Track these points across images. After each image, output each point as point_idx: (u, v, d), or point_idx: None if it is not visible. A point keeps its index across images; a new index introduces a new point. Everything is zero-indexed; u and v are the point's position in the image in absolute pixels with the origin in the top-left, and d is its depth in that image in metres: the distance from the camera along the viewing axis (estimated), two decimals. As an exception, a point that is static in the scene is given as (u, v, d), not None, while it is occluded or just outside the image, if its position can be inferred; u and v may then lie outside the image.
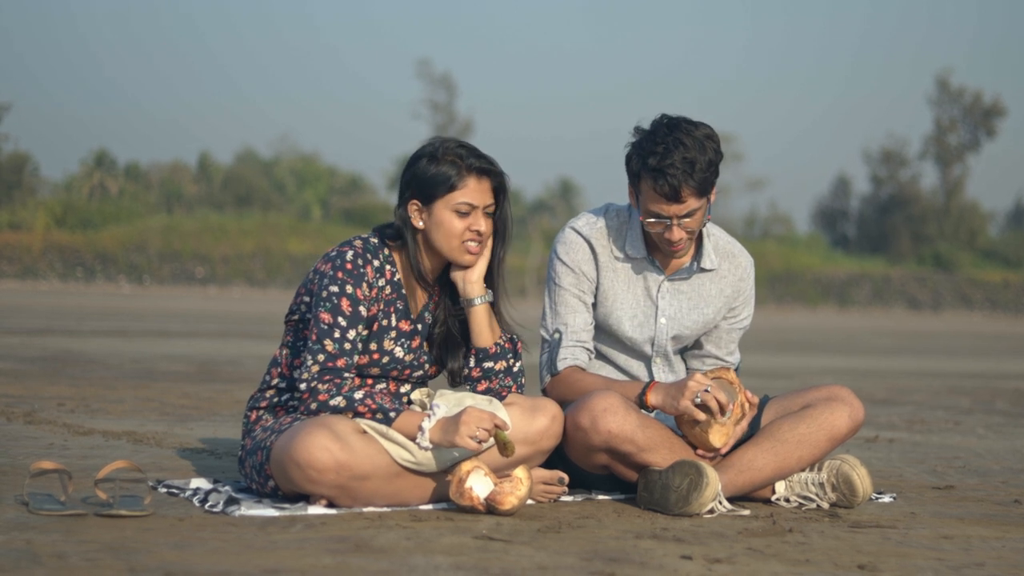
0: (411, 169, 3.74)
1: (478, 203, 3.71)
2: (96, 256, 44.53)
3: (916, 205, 61.47)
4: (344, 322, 3.63)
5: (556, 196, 66.15)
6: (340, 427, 3.51)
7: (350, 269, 3.67)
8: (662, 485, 3.74)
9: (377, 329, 3.73)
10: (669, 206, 3.85)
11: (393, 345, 3.76)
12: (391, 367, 3.77)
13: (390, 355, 3.76)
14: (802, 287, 52.18)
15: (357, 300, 3.66)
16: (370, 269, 3.71)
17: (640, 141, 3.87)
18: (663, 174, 3.80)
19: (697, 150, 3.81)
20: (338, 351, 3.62)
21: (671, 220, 3.87)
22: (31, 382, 7.68)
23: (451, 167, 3.69)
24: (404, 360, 3.78)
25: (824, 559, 3.13)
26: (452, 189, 3.69)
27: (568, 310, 4.04)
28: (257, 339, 14.47)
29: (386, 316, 3.75)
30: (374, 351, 3.73)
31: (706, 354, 4.19)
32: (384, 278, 3.74)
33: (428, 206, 3.71)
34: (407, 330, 3.79)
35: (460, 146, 3.73)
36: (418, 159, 3.73)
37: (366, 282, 3.68)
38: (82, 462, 4.29)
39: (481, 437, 3.51)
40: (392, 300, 3.76)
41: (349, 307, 3.65)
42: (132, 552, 2.87)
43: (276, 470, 3.54)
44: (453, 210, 3.69)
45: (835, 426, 3.92)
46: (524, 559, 2.97)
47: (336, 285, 3.65)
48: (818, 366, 13.63)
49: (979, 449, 5.98)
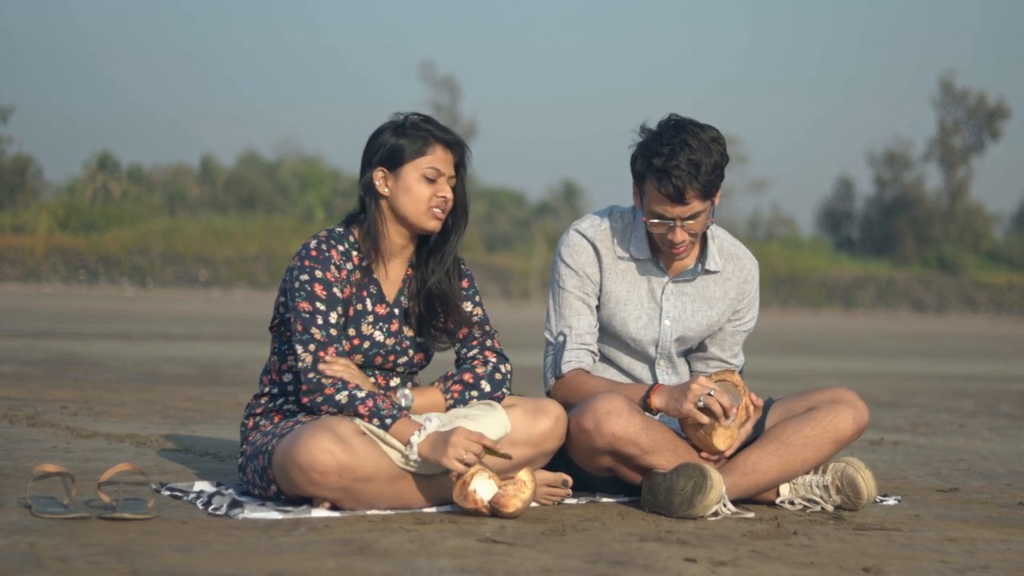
0: (376, 140, 3.79)
1: (445, 171, 3.77)
2: (99, 259, 44.54)
3: (920, 207, 61.42)
4: (323, 306, 3.66)
5: (559, 198, 66.17)
6: (342, 429, 3.51)
7: (315, 255, 3.70)
8: (666, 488, 3.73)
9: (353, 314, 3.74)
10: (673, 207, 3.84)
11: (372, 329, 3.77)
12: (374, 352, 3.76)
13: (370, 340, 3.76)
14: (806, 289, 52.15)
15: (329, 283, 3.69)
16: (335, 253, 3.74)
17: (646, 141, 3.87)
18: (668, 175, 3.79)
19: (703, 152, 3.80)
20: (326, 337, 3.64)
21: (674, 221, 3.86)
22: (34, 385, 7.68)
23: (418, 134, 3.75)
24: (386, 344, 3.78)
25: (828, 562, 3.12)
26: (421, 154, 3.74)
27: (572, 313, 4.03)
28: (260, 342, 14.47)
29: (360, 300, 3.76)
30: (353, 336, 3.74)
31: (710, 356, 4.18)
32: (351, 263, 3.77)
33: (395, 171, 3.76)
34: (383, 314, 3.79)
35: (424, 120, 3.79)
36: (383, 131, 3.79)
37: (333, 264, 3.72)
38: (85, 465, 4.28)
39: (469, 461, 3.50)
40: (364, 284, 3.78)
41: (323, 291, 3.67)
42: (135, 555, 2.86)
43: (279, 473, 3.53)
44: (421, 175, 3.74)
45: (839, 429, 3.91)
46: (528, 562, 2.96)
47: (306, 273, 3.68)
48: (822, 369, 13.62)
49: (984, 452, 5.97)
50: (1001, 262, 57.85)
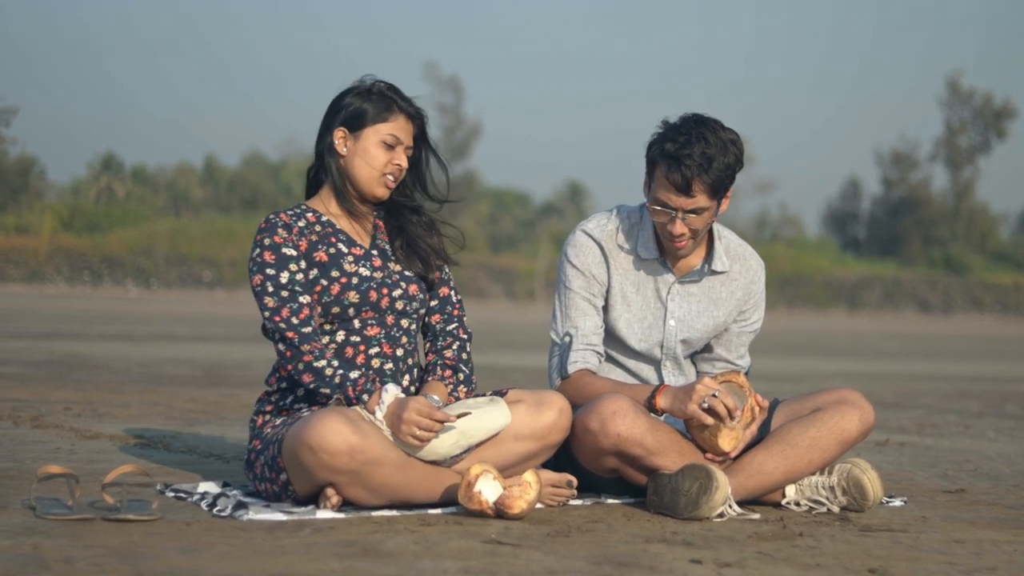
0: (340, 102, 3.84)
1: (404, 140, 3.82)
2: (103, 260, 44.58)
3: (927, 208, 61.42)
4: (272, 271, 3.69)
5: (565, 199, 66.23)
6: (352, 413, 3.53)
7: (264, 227, 3.76)
8: (672, 489, 3.72)
9: (328, 259, 3.76)
10: (678, 197, 3.83)
11: (355, 267, 3.79)
12: (366, 287, 3.76)
13: (357, 276, 3.77)
14: (812, 290, 52.13)
15: (277, 245, 3.72)
16: (283, 215, 3.80)
17: (665, 131, 3.87)
18: (678, 162, 3.79)
19: (718, 149, 3.80)
20: (278, 302, 3.67)
21: (677, 212, 3.86)
22: (38, 386, 7.68)
23: (383, 101, 3.81)
24: (375, 278, 3.79)
25: (834, 563, 3.11)
26: (383, 120, 3.80)
27: (578, 313, 4.02)
28: (264, 343, 14.45)
29: (330, 246, 3.79)
30: (339, 276, 3.75)
31: (716, 357, 4.17)
32: (305, 219, 3.81)
33: (355, 133, 3.81)
34: (361, 254, 3.82)
35: (389, 88, 3.84)
36: (348, 93, 3.83)
37: (281, 227, 3.75)
38: (89, 466, 4.28)
39: (422, 437, 3.54)
40: (329, 234, 3.81)
41: (272, 256, 3.71)
42: (140, 557, 2.86)
43: (289, 459, 3.52)
44: (381, 140, 3.79)
45: (845, 430, 3.90)
46: (533, 563, 2.95)
47: (257, 248, 3.73)
48: (828, 369, 13.61)
49: (990, 452, 5.96)
50: (1007, 263, 57.82)
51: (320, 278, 3.74)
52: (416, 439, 3.54)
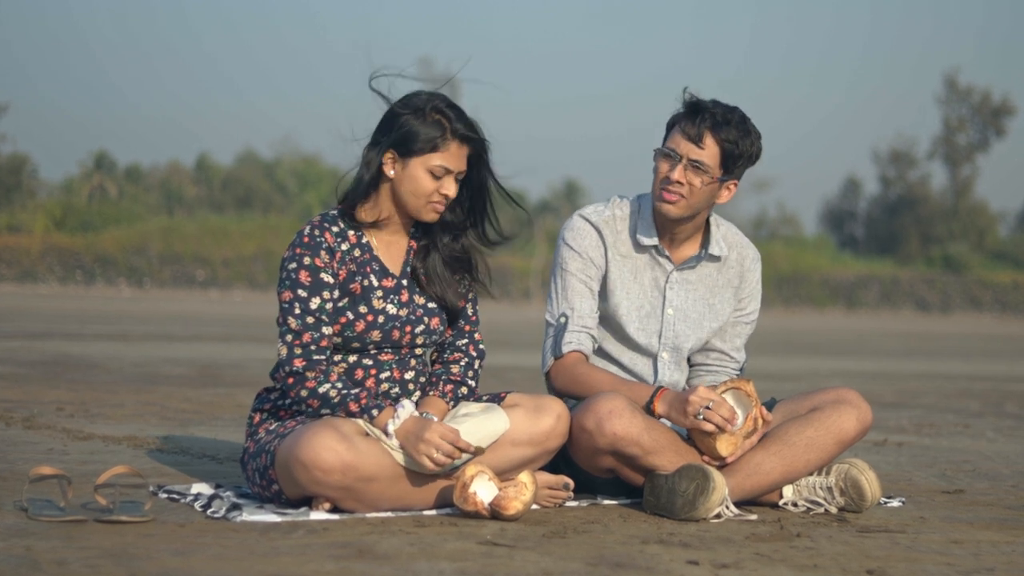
0: (395, 121, 3.69)
1: (453, 168, 3.70)
2: (96, 259, 44.57)
3: (925, 206, 61.48)
4: (304, 293, 3.63)
5: (561, 197, 66.22)
6: (346, 428, 3.49)
7: (307, 242, 3.67)
8: (668, 489, 3.70)
9: (360, 291, 3.70)
10: (687, 143, 3.88)
11: (383, 303, 3.73)
12: (390, 326, 3.71)
13: (384, 313, 3.72)
14: (810, 289, 52.17)
15: (317, 268, 3.65)
16: (328, 235, 3.70)
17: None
18: (696, 115, 3.87)
19: (739, 128, 3.90)
20: (301, 326, 3.60)
21: (682, 159, 3.86)
22: (30, 386, 7.66)
23: (436, 128, 3.67)
24: (400, 316, 3.74)
25: (832, 564, 3.10)
26: (433, 150, 3.67)
27: (575, 294, 4.01)
28: (259, 342, 14.45)
29: (364, 276, 3.72)
30: (366, 313, 3.70)
31: (711, 348, 4.16)
32: (348, 242, 3.73)
33: (404, 159, 3.69)
34: (391, 286, 3.76)
35: (449, 107, 3.71)
36: (404, 108, 3.69)
37: (324, 249, 3.67)
38: (82, 467, 4.27)
39: (439, 461, 3.49)
40: (366, 261, 3.74)
41: (308, 278, 3.64)
42: (133, 558, 2.84)
43: (281, 472, 3.50)
44: (428, 170, 3.68)
45: (843, 429, 3.89)
46: (529, 565, 2.94)
47: (294, 261, 3.65)
48: (826, 368, 13.61)
49: (989, 452, 5.95)
50: (1006, 261, 57.86)
51: (347, 310, 3.69)
52: (433, 462, 3.50)
